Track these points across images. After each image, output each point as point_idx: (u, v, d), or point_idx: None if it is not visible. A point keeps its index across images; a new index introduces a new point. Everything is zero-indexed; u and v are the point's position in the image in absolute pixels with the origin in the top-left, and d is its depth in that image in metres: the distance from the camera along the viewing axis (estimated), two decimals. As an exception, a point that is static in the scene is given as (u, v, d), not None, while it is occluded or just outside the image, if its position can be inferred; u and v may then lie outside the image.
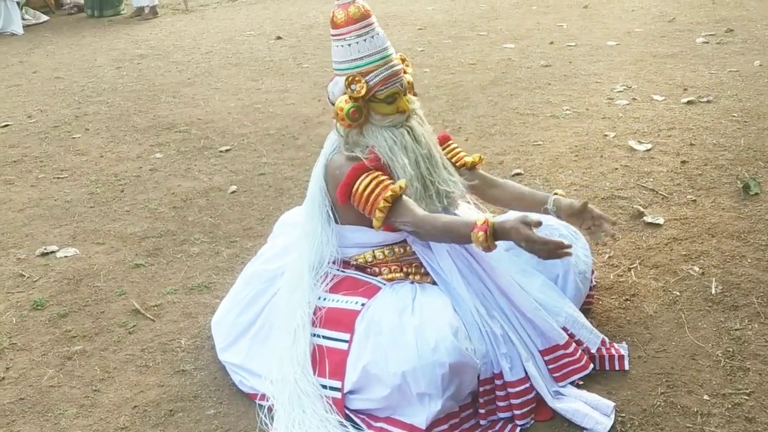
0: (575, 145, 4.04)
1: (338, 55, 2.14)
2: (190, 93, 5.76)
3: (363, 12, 2.11)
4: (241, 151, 4.43)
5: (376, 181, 2.07)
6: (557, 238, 2.29)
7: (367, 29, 2.11)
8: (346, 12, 2.10)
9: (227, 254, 3.17)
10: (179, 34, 8.19)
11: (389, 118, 2.14)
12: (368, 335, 2.04)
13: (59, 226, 3.57)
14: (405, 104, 2.17)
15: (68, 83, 6.36)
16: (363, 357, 2.03)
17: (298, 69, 6.28)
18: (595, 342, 2.26)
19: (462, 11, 8.20)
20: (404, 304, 2.08)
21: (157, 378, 2.40)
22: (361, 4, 2.12)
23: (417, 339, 1.96)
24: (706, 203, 3.27)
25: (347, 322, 2.11)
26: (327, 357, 2.11)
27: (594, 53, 5.96)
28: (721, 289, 2.63)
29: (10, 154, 4.65)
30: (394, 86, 2.13)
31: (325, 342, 2.13)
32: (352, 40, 2.10)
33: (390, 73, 2.13)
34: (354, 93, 2.08)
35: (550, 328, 2.16)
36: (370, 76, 2.10)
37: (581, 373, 2.19)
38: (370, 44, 2.11)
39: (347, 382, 2.06)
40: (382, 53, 2.13)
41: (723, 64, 5.32)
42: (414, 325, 2.00)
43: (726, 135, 4.01)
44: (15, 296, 2.97)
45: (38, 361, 2.54)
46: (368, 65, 2.11)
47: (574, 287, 2.32)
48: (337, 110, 2.10)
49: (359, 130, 2.15)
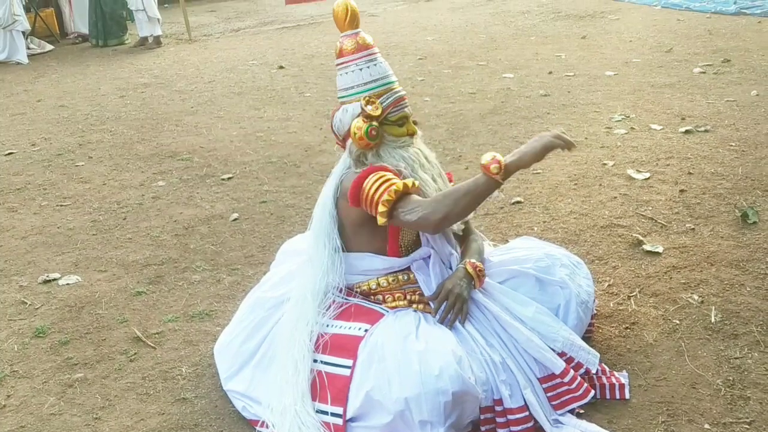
0: (574, 174, 4.08)
1: (348, 81, 2.23)
2: (193, 121, 5.82)
3: (368, 42, 2.25)
4: (243, 179, 4.47)
5: (385, 178, 2.09)
6: (559, 267, 2.34)
7: (374, 56, 2.24)
8: (355, 41, 2.23)
9: (228, 282, 3.19)
10: (182, 63, 8.28)
11: (401, 139, 2.23)
12: (371, 361, 2.04)
13: (61, 254, 3.59)
14: (413, 127, 2.27)
15: (72, 112, 6.42)
16: (366, 383, 2.03)
17: (300, 98, 6.34)
18: (594, 362, 2.26)
19: (462, 41, 8.30)
20: (408, 330, 2.09)
21: (158, 406, 2.40)
22: (364, 35, 2.25)
23: (421, 366, 1.96)
24: (704, 232, 3.29)
25: (350, 348, 2.11)
26: (329, 383, 2.11)
27: (592, 83, 6.02)
28: (720, 318, 2.64)
29: (13, 181, 4.69)
30: (404, 110, 2.24)
31: (327, 368, 2.14)
32: (363, 65, 2.21)
33: (398, 97, 2.24)
34: (371, 112, 2.15)
35: (544, 357, 2.16)
36: (382, 99, 2.20)
37: (580, 402, 2.18)
38: (380, 69, 2.24)
39: (349, 408, 2.05)
40: (390, 78, 2.26)
41: (720, 94, 5.38)
42: (418, 351, 2.00)
43: (724, 164, 4.04)
44: (17, 323, 2.98)
45: (39, 388, 2.54)
46: (376, 89, 2.21)
47: (575, 317, 2.31)
48: (354, 130, 2.16)
49: (375, 151, 2.21)
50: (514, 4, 10.68)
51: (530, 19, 9.44)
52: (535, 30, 8.65)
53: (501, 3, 10.95)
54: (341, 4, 2.23)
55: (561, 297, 2.30)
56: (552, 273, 2.32)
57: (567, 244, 3.22)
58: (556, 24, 8.91)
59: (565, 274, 2.33)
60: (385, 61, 2.28)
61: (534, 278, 2.31)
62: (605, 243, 3.27)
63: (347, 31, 2.24)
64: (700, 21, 8.33)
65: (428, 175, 2.22)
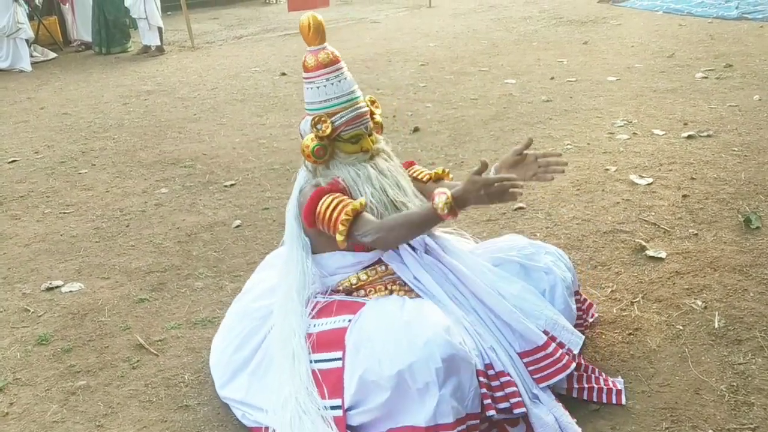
0: (577, 180, 4.08)
1: (309, 97, 2.28)
2: (196, 128, 5.83)
3: (332, 58, 2.25)
4: (245, 185, 4.48)
5: (337, 200, 2.16)
6: (543, 254, 2.38)
7: (335, 73, 2.25)
8: (316, 57, 2.24)
9: (231, 288, 3.19)
10: (185, 70, 8.31)
11: (353, 156, 2.27)
12: (359, 347, 2.05)
13: (64, 261, 3.59)
14: (368, 144, 2.29)
15: (75, 119, 6.44)
16: (357, 368, 2.03)
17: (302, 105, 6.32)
18: (578, 343, 2.27)
19: (464, 47, 8.32)
20: (391, 309, 2.11)
21: (161, 413, 2.40)
22: (330, 50, 2.26)
23: (408, 337, 1.97)
24: (707, 237, 3.29)
25: (338, 340, 2.12)
26: (323, 378, 2.11)
27: (594, 88, 6.03)
28: (724, 323, 2.63)
29: (17, 189, 4.70)
30: (358, 128, 2.26)
31: (319, 365, 2.14)
32: (321, 83, 2.24)
33: (354, 115, 2.25)
34: (319, 132, 2.21)
35: (527, 329, 2.17)
36: (335, 117, 2.23)
37: (563, 373, 2.18)
38: (338, 88, 2.25)
39: (346, 396, 2.05)
40: (349, 96, 2.26)
41: (723, 99, 5.38)
42: (404, 321, 2.02)
43: (726, 169, 4.04)
44: (20, 331, 2.98)
45: (42, 396, 2.54)
46: (335, 107, 2.24)
47: (562, 301, 2.32)
48: (303, 147, 2.24)
49: (326, 165, 2.28)
50: (516, 10, 10.71)
51: (532, 24, 9.45)
52: (536, 36, 8.66)
53: (503, 9, 10.97)
54: (306, 17, 2.26)
55: (546, 282, 2.33)
56: (536, 259, 2.36)
57: (569, 249, 3.22)
58: (558, 30, 8.93)
59: (549, 261, 2.36)
60: (351, 76, 2.29)
61: (518, 264, 2.34)
62: (608, 249, 3.26)
63: (312, 46, 2.26)
64: (702, 26, 8.34)
65: (376, 185, 2.24)
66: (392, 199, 2.24)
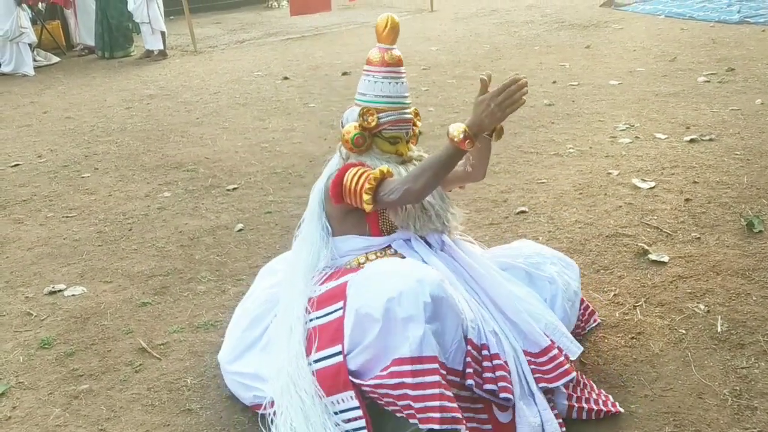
0: (579, 183, 4.08)
1: (363, 87, 2.32)
2: (198, 132, 5.84)
3: (397, 60, 2.31)
4: (248, 189, 4.48)
5: (362, 171, 2.21)
6: (549, 264, 2.41)
7: (395, 75, 2.30)
8: (383, 55, 2.29)
9: (234, 292, 3.19)
10: (188, 74, 8.32)
11: (387, 155, 2.32)
12: (358, 291, 2.09)
13: (67, 265, 3.60)
14: (404, 149, 2.35)
15: (78, 123, 6.46)
16: (354, 305, 2.06)
17: (305, 109, 6.36)
18: (575, 351, 2.28)
19: (466, 52, 8.33)
20: (394, 260, 2.19)
21: (163, 417, 2.40)
22: (398, 54, 2.32)
23: (403, 274, 2.02)
24: (710, 241, 3.28)
25: (339, 294, 2.17)
26: (322, 331, 2.15)
27: (596, 92, 6.03)
28: (726, 327, 2.63)
29: (20, 193, 4.71)
30: (400, 131, 2.33)
31: (320, 321, 2.19)
32: (380, 78, 2.29)
33: (400, 118, 2.31)
34: (365, 123, 2.27)
35: (532, 330, 2.20)
36: (383, 114, 2.28)
37: (564, 379, 2.17)
38: (394, 88, 2.30)
39: (345, 340, 2.07)
40: (401, 100, 2.32)
41: (725, 103, 5.38)
42: (400, 266, 2.08)
43: (729, 173, 4.04)
44: (22, 335, 2.98)
45: (45, 400, 2.55)
46: (386, 104, 2.29)
47: (561, 311, 2.35)
48: (344, 133, 2.29)
49: (358, 156, 2.32)
50: (518, 14, 10.72)
51: (534, 29, 9.46)
52: (538, 40, 8.67)
53: (505, 13, 10.99)
54: (384, 17, 2.32)
55: (548, 291, 2.37)
56: (542, 269, 2.39)
57: (572, 253, 3.22)
58: (560, 34, 8.94)
59: (554, 271, 2.39)
60: (407, 82, 2.34)
61: (524, 271, 2.39)
62: (610, 252, 3.26)
63: (382, 44, 2.31)
64: (704, 30, 8.34)
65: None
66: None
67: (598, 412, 2.23)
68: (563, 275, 2.40)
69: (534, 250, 2.49)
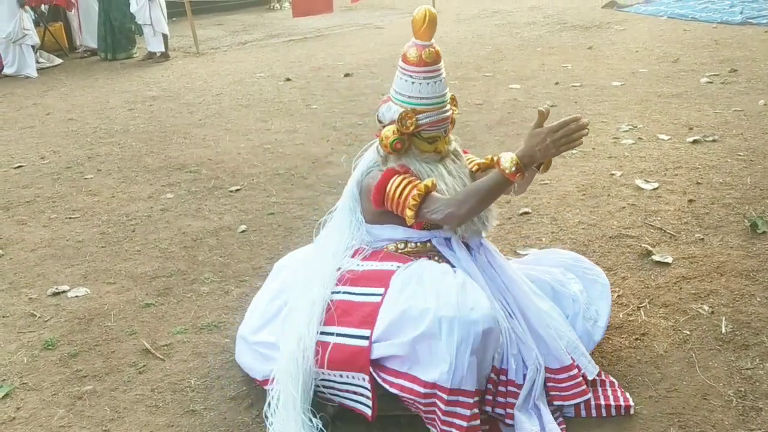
0: (582, 184, 4.07)
1: (401, 87, 2.25)
2: (201, 134, 5.84)
3: (435, 57, 2.21)
4: (250, 190, 4.48)
5: (407, 181, 2.19)
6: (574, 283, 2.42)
7: (434, 74, 2.22)
8: (420, 53, 2.20)
9: (237, 293, 3.19)
10: (190, 76, 8.33)
11: (426, 155, 2.28)
12: (406, 286, 2.09)
13: (71, 266, 3.60)
14: (443, 146, 2.30)
15: (81, 125, 6.46)
16: (398, 304, 2.06)
17: (307, 110, 6.36)
18: (593, 372, 2.29)
19: (468, 53, 8.33)
20: (445, 269, 2.17)
21: (167, 418, 2.40)
22: (436, 49, 2.22)
23: (458, 298, 2.01)
24: (714, 242, 3.28)
25: (382, 278, 2.17)
26: (355, 309, 2.15)
27: (599, 93, 6.03)
28: (731, 328, 2.62)
29: (23, 194, 4.72)
30: (439, 131, 2.27)
31: (355, 297, 2.18)
32: (418, 79, 2.21)
33: (440, 118, 2.25)
34: (403, 127, 2.21)
35: (557, 346, 2.21)
36: (422, 116, 2.22)
37: (580, 399, 2.20)
38: (432, 88, 2.23)
39: (377, 328, 2.07)
40: (440, 98, 2.25)
41: (728, 104, 5.37)
42: (457, 284, 2.07)
43: (732, 174, 4.03)
44: (26, 336, 2.99)
45: (48, 401, 2.55)
46: (424, 105, 2.23)
47: (581, 330, 2.35)
48: (383, 137, 2.25)
49: (398, 157, 2.28)
50: (520, 16, 10.72)
51: (536, 30, 9.46)
52: (541, 41, 8.67)
53: (507, 14, 10.98)
54: (422, 10, 2.20)
55: (571, 309, 2.37)
56: (567, 286, 2.40)
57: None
58: (563, 35, 8.93)
59: (577, 289, 2.40)
60: (445, 77, 2.26)
61: (549, 286, 2.39)
62: (614, 253, 3.26)
63: (419, 40, 2.21)
64: (707, 31, 8.33)
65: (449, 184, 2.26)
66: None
67: (608, 407, 2.23)
68: (585, 294, 2.41)
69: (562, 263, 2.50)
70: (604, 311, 2.43)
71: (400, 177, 2.20)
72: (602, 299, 2.45)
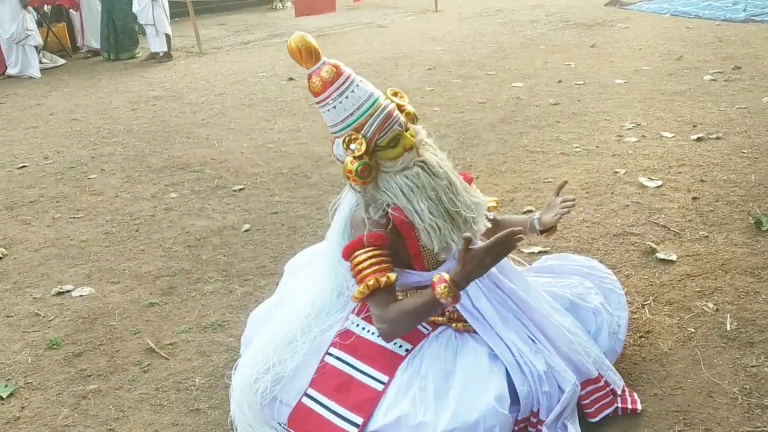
0: (586, 182, 4.07)
1: (329, 120, 2.10)
2: (204, 133, 5.85)
3: (336, 71, 2.05)
4: (254, 190, 4.48)
5: (368, 263, 2.07)
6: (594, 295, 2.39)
7: (345, 85, 2.06)
8: (320, 77, 2.05)
9: (241, 292, 3.19)
10: (193, 76, 8.33)
11: (399, 160, 2.08)
12: (411, 386, 2.04)
13: (75, 266, 3.61)
14: (410, 140, 2.10)
15: (84, 125, 6.47)
16: (401, 406, 2.00)
17: (310, 109, 6.36)
18: (619, 384, 2.27)
19: (471, 51, 8.32)
20: (448, 366, 2.09)
21: (172, 417, 2.41)
22: (331, 64, 2.06)
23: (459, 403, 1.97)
24: (718, 239, 3.27)
25: (388, 365, 2.10)
26: (356, 389, 2.08)
27: (602, 91, 6.01)
28: (736, 326, 2.62)
29: (27, 194, 4.72)
30: (393, 129, 2.07)
31: (357, 374, 2.11)
32: (335, 101, 2.05)
33: (383, 117, 2.06)
34: (355, 152, 2.03)
35: (583, 361, 2.17)
36: (364, 129, 2.04)
37: (608, 410, 2.19)
38: (354, 98, 2.05)
39: (372, 423, 2.01)
40: (369, 102, 2.07)
41: (731, 101, 5.36)
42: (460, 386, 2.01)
43: (736, 171, 4.02)
44: (31, 335, 2.99)
45: (53, 400, 2.55)
46: (359, 119, 2.05)
47: (606, 344, 2.32)
48: (347, 173, 2.05)
49: (374, 183, 2.11)
50: (523, 14, 10.70)
51: (539, 28, 9.45)
52: (543, 39, 8.65)
53: (509, 13, 10.97)
54: (292, 40, 2.05)
55: (593, 323, 2.33)
56: (587, 300, 2.36)
57: (579, 252, 3.20)
58: (565, 33, 8.92)
59: (598, 302, 2.37)
60: (363, 80, 2.11)
61: (569, 300, 2.34)
62: (618, 251, 3.25)
63: (310, 67, 2.07)
64: (710, 28, 8.31)
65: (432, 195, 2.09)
66: (447, 209, 2.10)
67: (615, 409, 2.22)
68: (607, 306, 2.38)
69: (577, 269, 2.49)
70: (623, 322, 2.42)
71: (366, 255, 2.08)
72: (622, 310, 2.44)
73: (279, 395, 2.14)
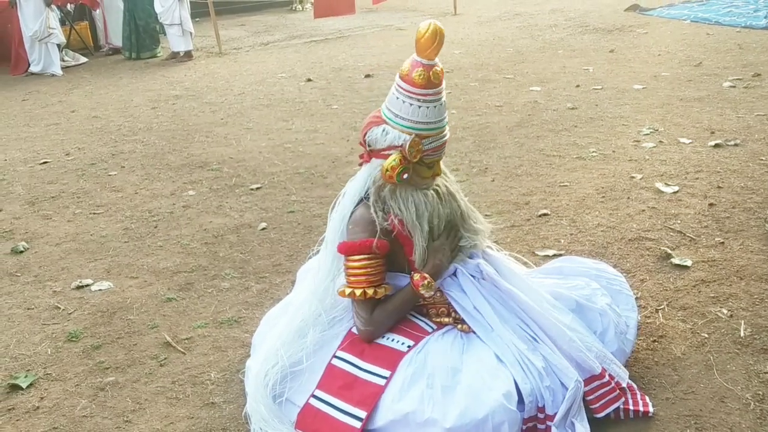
0: (602, 187, 4.07)
1: (404, 110, 2.09)
2: (223, 133, 5.90)
3: (442, 77, 2.10)
4: (271, 189, 4.53)
5: (364, 270, 2.18)
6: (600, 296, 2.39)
7: (438, 96, 2.10)
8: (426, 74, 2.05)
9: (257, 289, 3.23)
10: (213, 75, 8.41)
11: (425, 181, 2.20)
12: (416, 382, 2.06)
13: (94, 260, 3.66)
14: (439, 169, 2.24)
15: (105, 122, 6.56)
16: (407, 402, 2.02)
17: (328, 110, 6.40)
18: (624, 378, 2.27)
19: (489, 55, 8.33)
20: (455, 363, 2.11)
21: (187, 410, 2.44)
22: (440, 68, 2.10)
23: (466, 401, 1.99)
24: (734, 246, 3.26)
25: (390, 360, 2.13)
26: (358, 385, 2.12)
27: (620, 96, 6.00)
28: (750, 332, 2.61)
29: (48, 189, 4.80)
30: (439, 155, 2.20)
31: (361, 373, 2.14)
32: (425, 103, 2.08)
33: (442, 143, 2.18)
34: (411, 156, 2.08)
35: (585, 358, 2.17)
36: (425, 141, 2.12)
37: (615, 404, 2.19)
38: (438, 111, 2.11)
39: (377, 419, 2.04)
40: (443, 122, 2.16)
41: (750, 108, 5.33)
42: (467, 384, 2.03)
43: (754, 178, 4.00)
44: (50, 328, 3.04)
45: (72, 391, 2.60)
46: (428, 131, 2.11)
47: (613, 345, 2.31)
48: (388, 168, 2.08)
49: (393, 188, 2.17)
50: (542, 18, 10.69)
51: (557, 32, 9.43)
52: (562, 43, 8.64)
53: (528, 17, 10.96)
54: (430, 27, 2.02)
55: (600, 324, 2.32)
56: (593, 300, 2.36)
57: (594, 257, 3.21)
58: (584, 38, 8.90)
59: (605, 303, 2.36)
60: (445, 100, 2.16)
61: (575, 302, 2.34)
62: (633, 256, 3.25)
63: (425, 60, 2.06)
64: (730, 35, 8.26)
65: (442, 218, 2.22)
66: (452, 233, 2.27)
67: (626, 411, 2.23)
68: (615, 307, 2.38)
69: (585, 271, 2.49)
70: (632, 323, 2.41)
71: (363, 262, 2.16)
72: (631, 311, 2.43)
73: (289, 396, 2.18)
